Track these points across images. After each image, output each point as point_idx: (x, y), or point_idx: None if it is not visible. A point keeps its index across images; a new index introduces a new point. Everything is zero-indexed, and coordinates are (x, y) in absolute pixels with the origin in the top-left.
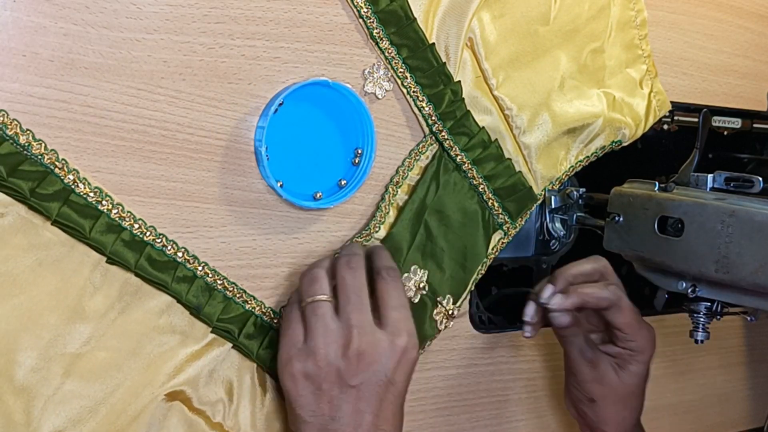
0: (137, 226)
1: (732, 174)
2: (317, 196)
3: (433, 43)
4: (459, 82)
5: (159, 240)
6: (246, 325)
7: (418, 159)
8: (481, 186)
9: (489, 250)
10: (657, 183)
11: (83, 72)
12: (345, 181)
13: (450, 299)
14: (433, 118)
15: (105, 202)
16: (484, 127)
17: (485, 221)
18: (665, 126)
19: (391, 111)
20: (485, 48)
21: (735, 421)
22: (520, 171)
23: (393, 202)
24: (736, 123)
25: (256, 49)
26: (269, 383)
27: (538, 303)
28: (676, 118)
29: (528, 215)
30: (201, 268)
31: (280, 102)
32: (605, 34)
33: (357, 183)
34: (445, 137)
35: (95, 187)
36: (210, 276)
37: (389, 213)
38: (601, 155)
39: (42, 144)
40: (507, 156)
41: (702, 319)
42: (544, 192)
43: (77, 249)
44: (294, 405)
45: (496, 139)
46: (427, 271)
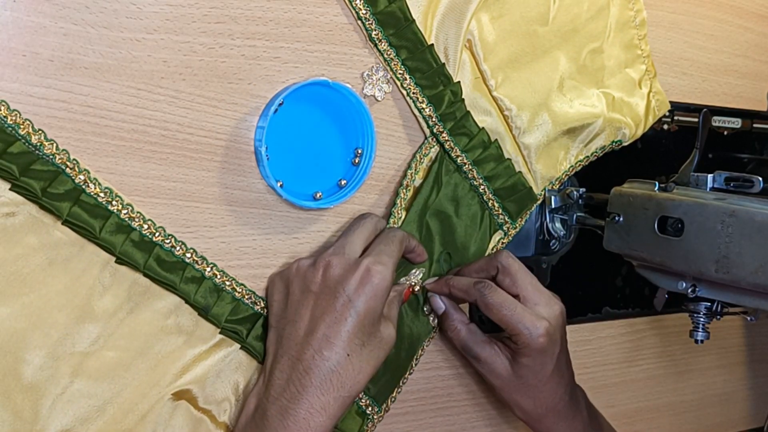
0: (146, 226)
1: (732, 174)
2: (317, 196)
3: (432, 44)
4: (458, 82)
5: (168, 241)
6: (255, 327)
7: (422, 162)
8: (482, 186)
9: (489, 250)
10: (657, 183)
11: (83, 72)
12: (345, 181)
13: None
14: (434, 119)
15: (115, 202)
16: (483, 128)
17: (485, 221)
18: (665, 126)
19: (391, 111)
20: (484, 49)
21: (735, 421)
22: (520, 171)
23: (405, 205)
24: (736, 123)
25: (256, 49)
26: None
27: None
28: (676, 118)
29: (528, 215)
30: (210, 269)
31: (280, 102)
32: (604, 34)
33: (357, 183)
34: (446, 138)
35: (105, 188)
36: (218, 277)
37: (402, 217)
38: (601, 155)
39: (54, 144)
40: (507, 156)
41: (702, 319)
42: (543, 192)
43: (87, 249)
44: (269, 312)
45: (496, 140)
46: (424, 270)
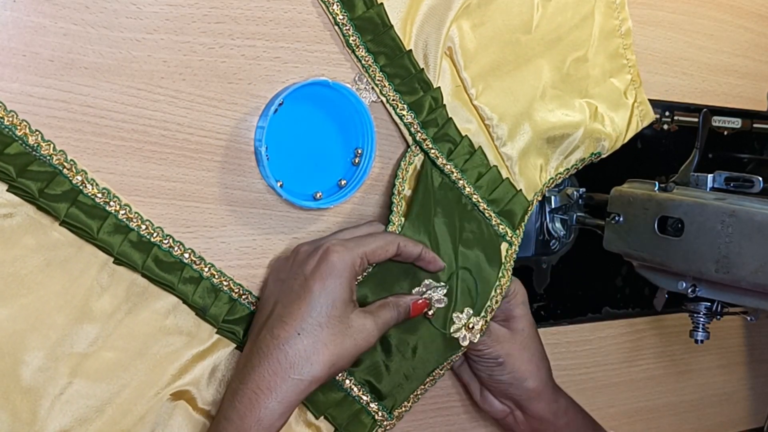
0: (144, 227)
1: (732, 174)
2: (317, 196)
3: (410, 50)
4: (439, 88)
5: (166, 241)
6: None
7: (407, 171)
8: (474, 196)
9: (503, 259)
10: (657, 183)
11: (83, 72)
12: (345, 181)
13: (469, 312)
14: (416, 126)
15: (113, 203)
16: (467, 135)
17: (487, 232)
18: (665, 126)
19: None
20: (464, 57)
21: (735, 421)
22: (507, 177)
23: (402, 212)
24: (736, 123)
25: (256, 49)
26: None
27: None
28: (676, 118)
29: (526, 220)
30: (207, 269)
31: (280, 102)
32: (588, 42)
33: (357, 183)
34: (430, 146)
35: (103, 188)
36: (216, 277)
37: (401, 223)
38: (581, 167)
39: (51, 145)
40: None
41: (702, 319)
42: (534, 199)
43: (85, 249)
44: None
45: (479, 147)
46: (447, 287)
